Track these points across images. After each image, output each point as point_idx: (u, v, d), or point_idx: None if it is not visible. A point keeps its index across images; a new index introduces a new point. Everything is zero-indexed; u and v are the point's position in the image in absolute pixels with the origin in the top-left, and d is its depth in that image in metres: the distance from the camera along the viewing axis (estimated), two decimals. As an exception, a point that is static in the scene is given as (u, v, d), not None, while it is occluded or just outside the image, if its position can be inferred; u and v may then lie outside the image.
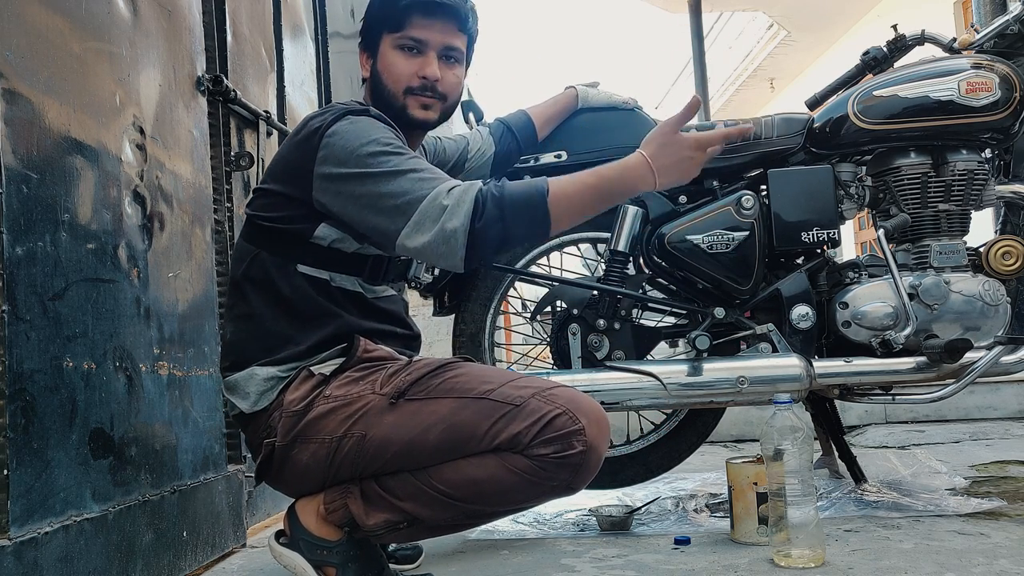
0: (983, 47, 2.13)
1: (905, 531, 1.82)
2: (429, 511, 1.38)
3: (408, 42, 1.54)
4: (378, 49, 1.56)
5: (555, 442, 1.31)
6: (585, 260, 2.42)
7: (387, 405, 1.37)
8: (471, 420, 1.33)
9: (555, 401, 1.33)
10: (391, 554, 1.75)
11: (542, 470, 1.32)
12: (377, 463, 1.38)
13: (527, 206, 1.36)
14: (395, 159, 1.39)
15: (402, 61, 1.54)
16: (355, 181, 1.39)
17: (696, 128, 2.02)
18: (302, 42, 2.87)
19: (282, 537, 1.45)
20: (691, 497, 2.25)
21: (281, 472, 1.44)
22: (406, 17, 1.53)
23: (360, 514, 1.39)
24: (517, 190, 1.37)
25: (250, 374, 1.45)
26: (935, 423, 3.63)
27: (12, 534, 1.17)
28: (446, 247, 1.34)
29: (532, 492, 1.36)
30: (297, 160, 1.45)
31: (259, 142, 2.27)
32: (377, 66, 1.56)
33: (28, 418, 1.22)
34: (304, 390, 1.42)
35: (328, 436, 1.39)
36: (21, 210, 1.24)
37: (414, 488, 1.37)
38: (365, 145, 1.40)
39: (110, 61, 1.53)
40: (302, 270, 1.46)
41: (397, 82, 1.54)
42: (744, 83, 12.35)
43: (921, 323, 2.00)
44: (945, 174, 2.05)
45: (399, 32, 1.53)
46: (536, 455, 1.32)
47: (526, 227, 1.39)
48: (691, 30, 7.78)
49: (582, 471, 1.34)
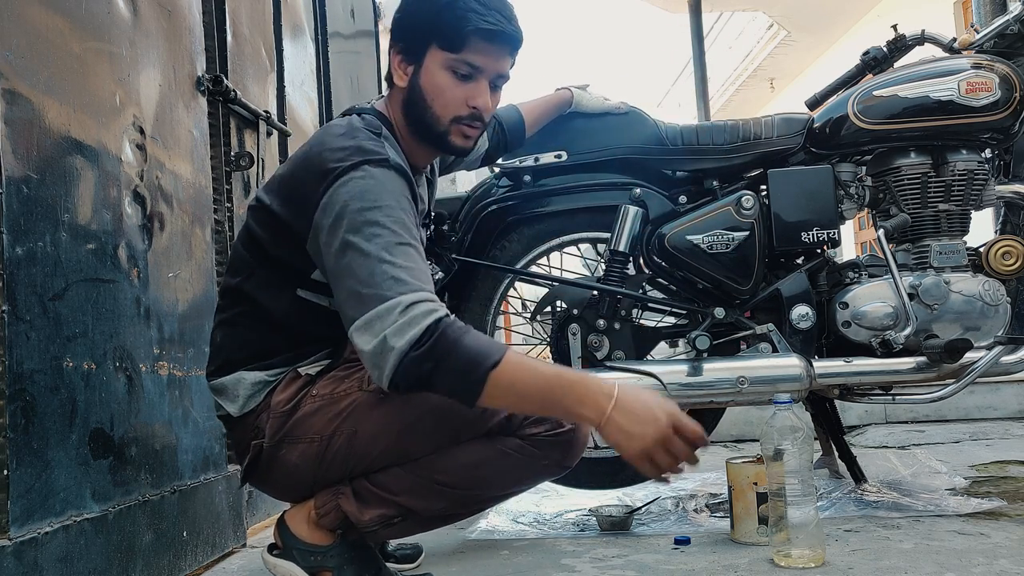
0: (983, 47, 2.13)
1: (905, 531, 1.82)
2: (424, 502, 1.39)
3: (464, 68, 1.41)
4: (423, 61, 1.42)
5: (546, 420, 1.36)
6: (585, 260, 2.42)
7: (375, 400, 1.37)
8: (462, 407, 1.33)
9: None
10: (391, 554, 1.75)
11: (535, 449, 1.36)
12: (368, 459, 1.38)
13: (466, 369, 1.22)
14: (385, 238, 1.27)
15: (453, 86, 1.42)
16: (338, 245, 1.28)
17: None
18: (302, 42, 2.87)
19: (274, 549, 1.45)
20: (691, 497, 2.25)
21: (268, 473, 1.43)
22: (466, 40, 1.39)
23: (354, 511, 1.39)
24: (470, 348, 1.22)
25: (238, 378, 1.43)
26: (935, 423, 3.63)
27: (12, 534, 1.17)
28: (379, 360, 1.23)
29: (526, 472, 1.40)
30: (303, 192, 1.36)
31: (259, 142, 2.27)
32: (421, 81, 1.43)
33: (28, 418, 1.22)
34: (291, 391, 1.41)
35: (317, 435, 1.38)
36: (21, 210, 1.24)
37: (406, 480, 1.38)
38: (366, 211, 1.28)
39: (110, 61, 1.53)
40: (301, 294, 1.43)
41: (445, 108, 1.43)
42: (744, 83, 12.35)
43: (921, 323, 2.00)
44: (945, 174, 2.05)
45: (455, 54, 1.40)
46: (528, 435, 1.36)
47: (451, 386, 1.24)
48: (691, 30, 7.77)
49: (572, 448, 1.39)
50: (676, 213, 2.10)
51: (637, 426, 1.21)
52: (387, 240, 1.27)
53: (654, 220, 2.09)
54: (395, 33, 1.46)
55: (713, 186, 2.13)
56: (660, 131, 2.14)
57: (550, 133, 2.13)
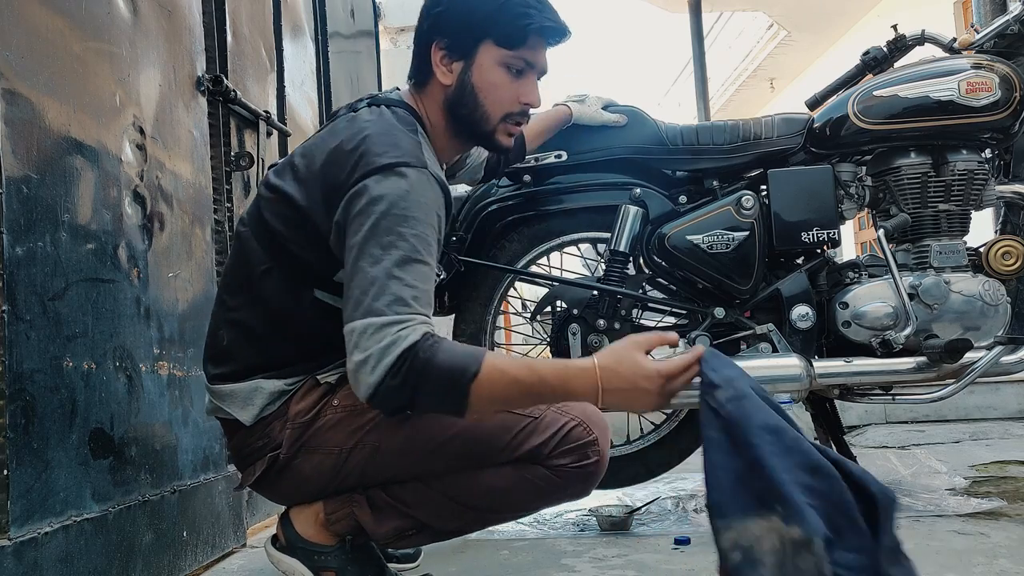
0: (983, 47, 2.13)
1: (905, 531, 1.80)
2: (439, 519, 1.39)
3: (520, 64, 1.39)
4: (474, 57, 1.39)
5: (572, 452, 1.35)
6: (585, 260, 2.42)
7: (402, 416, 1.31)
8: (491, 432, 1.34)
9: (569, 413, 1.36)
10: (391, 553, 1.75)
11: (560, 479, 1.36)
12: (387, 473, 1.37)
13: (445, 388, 1.20)
14: (402, 251, 1.23)
15: (508, 82, 1.40)
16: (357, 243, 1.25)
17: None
18: (302, 42, 2.87)
19: (277, 542, 1.45)
20: (691, 497, 2.25)
21: (278, 481, 1.41)
22: (528, 36, 1.38)
23: (369, 522, 1.38)
24: (443, 366, 1.19)
25: (255, 387, 1.38)
26: (935, 423, 3.63)
27: (12, 534, 1.17)
28: (355, 380, 1.22)
29: (547, 499, 1.41)
30: (332, 185, 1.31)
31: (259, 142, 2.27)
32: (472, 77, 1.40)
33: (28, 418, 1.22)
34: (311, 400, 1.38)
35: (336, 447, 1.36)
36: (21, 210, 1.24)
37: (426, 496, 1.37)
38: (392, 217, 1.24)
39: (110, 61, 1.53)
40: (319, 296, 1.37)
41: (499, 105, 1.41)
42: (744, 83, 12.35)
43: (921, 323, 2.00)
44: (945, 174, 2.05)
45: (513, 50, 1.38)
46: (555, 465, 1.35)
47: (437, 404, 1.23)
48: (691, 30, 7.77)
49: (594, 479, 1.39)
50: (676, 213, 2.10)
51: (633, 403, 1.23)
52: (402, 255, 1.23)
53: (654, 220, 2.09)
54: (438, 29, 1.41)
55: (713, 186, 2.13)
56: (660, 131, 2.14)
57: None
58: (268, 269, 1.38)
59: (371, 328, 1.19)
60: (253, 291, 1.40)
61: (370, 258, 1.23)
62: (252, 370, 1.39)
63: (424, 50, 1.43)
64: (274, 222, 1.37)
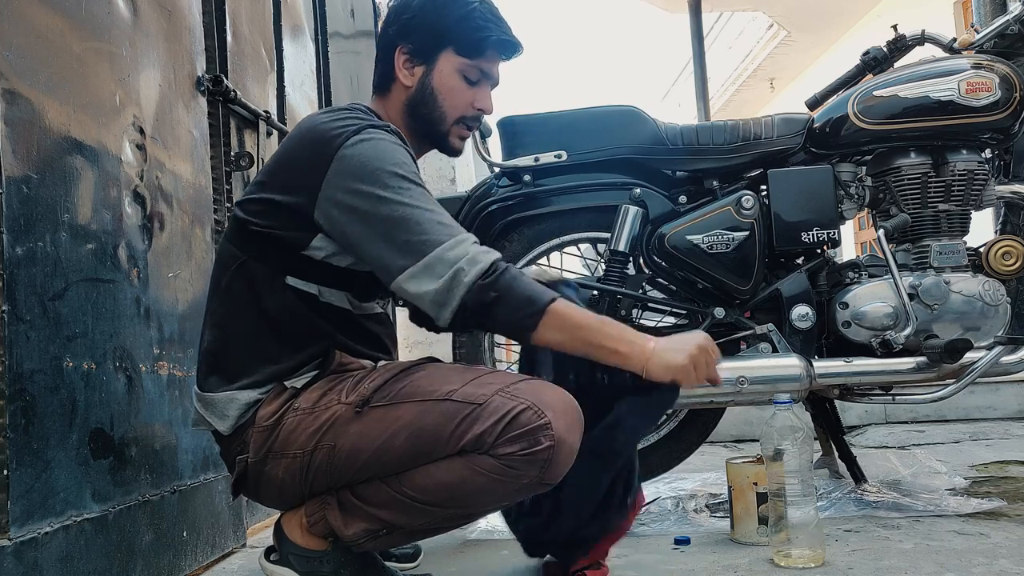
0: (983, 47, 2.13)
1: (905, 531, 1.82)
2: (405, 518, 1.36)
3: (475, 73, 1.51)
4: (435, 63, 1.50)
5: (521, 439, 1.27)
6: (585, 260, 2.42)
7: (353, 414, 1.34)
8: (435, 423, 1.31)
9: (519, 396, 1.29)
10: (391, 553, 1.75)
11: (510, 468, 1.28)
12: (349, 473, 1.36)
13: (526, 303, 1.32)
14: (416, 191, 1.35)
15: (464, 88, 1.51)
16: (370, 200, 1.33)
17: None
18: (302, 42, 2.87)
19: (272, 554, 1.45)
20: (691, 497, 2.25)
21: (258, 487, 1.43)
22: (485, 48, 1.50)
23: (339, 525, 1.38)
24: (529, 285, 1.34)
25: (230, 398, 1.41)
26: (935, 423, 3.63)
27: (12, 534, 1.17)
28: (447, 296, 1.31)
29: (504, 491, 1.32)
30: (303, 166, 1.38)
31: (259, 142, 2.27)
32: (432, 81, 1.50)
33: (28, 418, 1.22)
34: (275, 405, 1.40)
35: (299, 450, 1.37)
36: (21, 210, 1.24)
37: (387, 495, 1.35)
38: (391, 165, 1.35)
39: (110, 61, 1.53)
40: (291, 283, 1.41)
41: (454, 108, 1.51)
42: (744, 83, 12.36)
43: (921, 323, 2.00)
44: (945, 174, 2.05)
45: (471, 60, 1.50)
46: (502, 454, 1.28)
47: (510, 317, 1.33)
48: (691, 30, 7.77)
49: (552, 466, 1.29)
50: (676, 213, 2.10)
51: (679, 353, 1.36)
52: (419, 192, 1.35)
53: (654, 220, 2.09)
54: (403, 35, 1.51)
55: (713, 186, 2.13)
56: (660, 131, 2.14)
57: (550, 133, 2.13)
58: (242, 263, 1.43)
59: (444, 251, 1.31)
60: (231, 290, 1.44)
61: (397, 204, 1.33)
62: (230, 378, 1.42)
63: (388, 54, 1.53)
64: (247, 217, 1.44)
